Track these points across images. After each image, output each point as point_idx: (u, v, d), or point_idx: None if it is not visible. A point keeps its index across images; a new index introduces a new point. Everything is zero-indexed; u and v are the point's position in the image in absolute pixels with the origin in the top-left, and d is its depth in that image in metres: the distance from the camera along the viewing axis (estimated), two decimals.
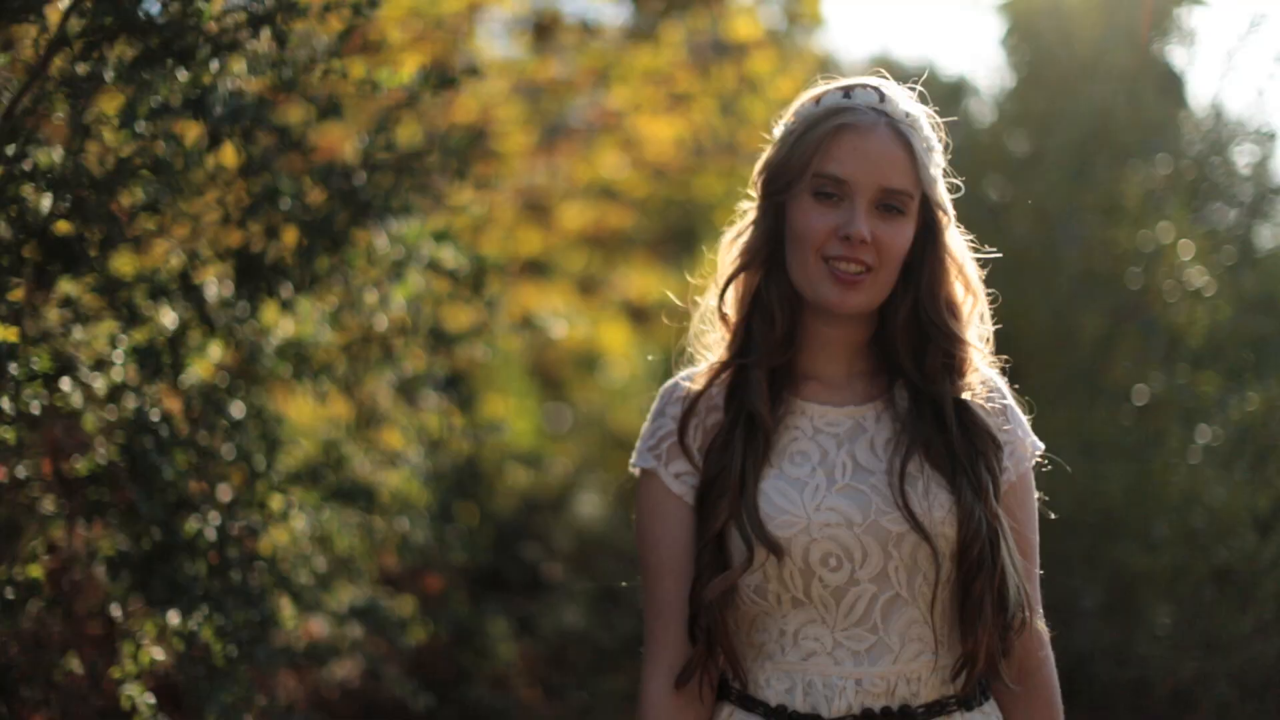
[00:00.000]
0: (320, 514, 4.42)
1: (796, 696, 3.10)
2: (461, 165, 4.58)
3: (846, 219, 3.06)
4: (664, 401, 3.25)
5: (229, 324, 4.26)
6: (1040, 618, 3.26)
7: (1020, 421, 3.26)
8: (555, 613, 7.46)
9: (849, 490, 3.09)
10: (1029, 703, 3.27)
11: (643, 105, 8.38)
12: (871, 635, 3.09)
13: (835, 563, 3.05)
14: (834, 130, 3.09)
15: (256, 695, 3.97)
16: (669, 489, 3.18)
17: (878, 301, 3.14)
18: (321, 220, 4.13)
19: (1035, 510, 3.28)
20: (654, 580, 3.19)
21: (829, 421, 3.17)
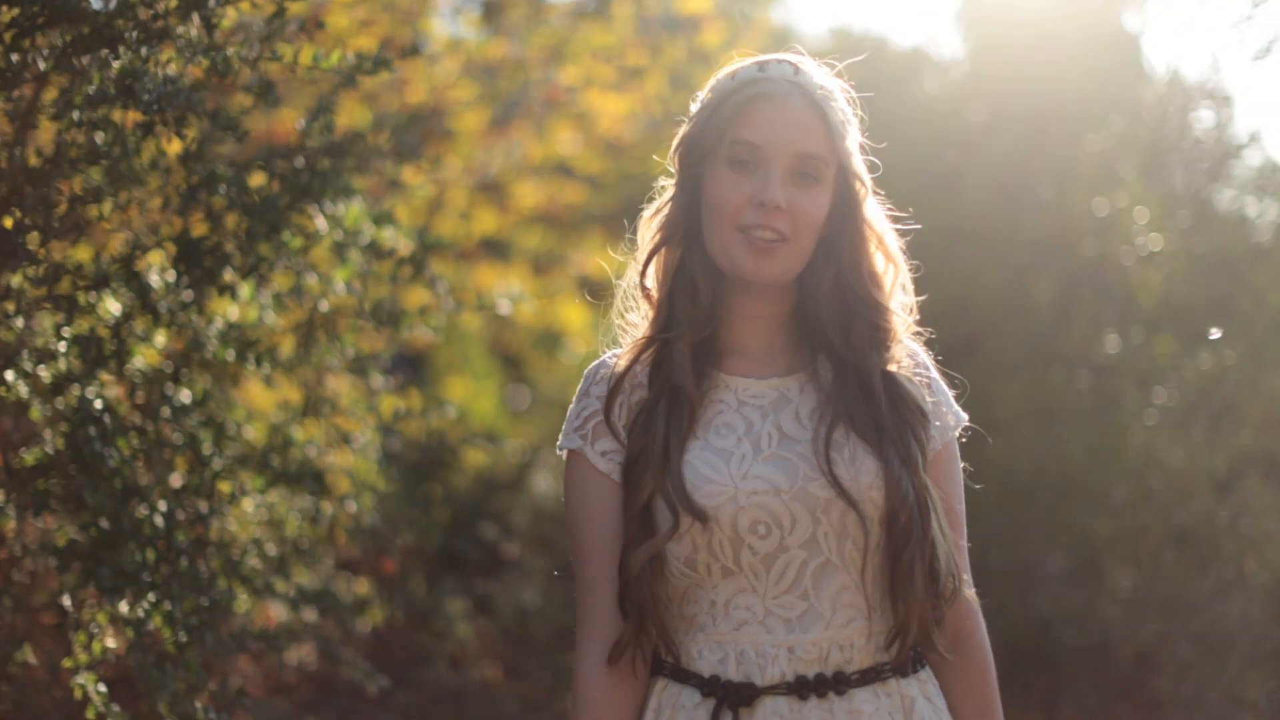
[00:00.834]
0: (268, 498, 4.42)
1: (729, 666, 3.11)
2: (403, 147, 4.58)
3: (761, 186, 3.07)
4: (588, 382, 3.25)
5: (172, 311, 4.25)
6: (970, 586, 3.27)
7: (944, 393, 3.28)
8: (513, 592, 7.47)
9: (775, 458, 3.09)
10: (963, 671, 3.28)
11: (594, 81, 8.38)
12: (802, 602, 3.09)
13: (764, 530, 3.06)
14: (749, 99, 3.10)
15: (207, 681, 3.96)
16: (596, 468, 3.18)
17: (795, 271, 3.15)
18: (261, 204, 4.13)
19: (960, 481, 3.29)
20: (584, 559, 3.20)
21: (753, 394, 3.18)
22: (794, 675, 3.09)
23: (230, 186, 4.06)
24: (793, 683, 3.09)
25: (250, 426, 4.62)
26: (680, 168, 3.20)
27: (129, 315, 4.28)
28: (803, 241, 3.12)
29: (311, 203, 4.15)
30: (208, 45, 3.81)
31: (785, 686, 3.09)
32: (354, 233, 4.29)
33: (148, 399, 4.33)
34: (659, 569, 3.09)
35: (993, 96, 10.54)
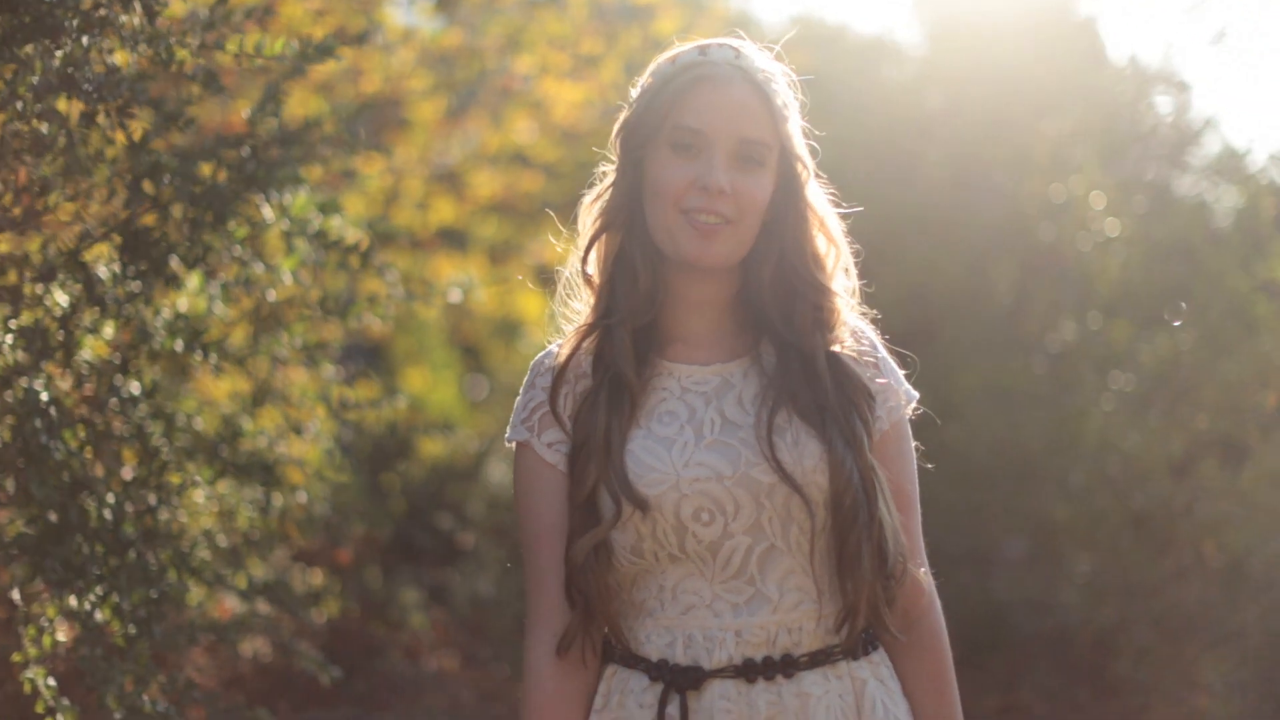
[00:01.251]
0: (217, 489, 4.40)
1: (677, 650, 3.10)
2: (352, 137, 4.56)
3: (704, 170, 3.06)
4: (534, 373, 3.25)
5: (119, 302, 4.22)
6: (923, 567, 3.26)
7: (893, 370, 3.26)
8: (469, 582, 7.46)
9: (717, 445, 3.08)
10: (917, 652, 3.27)
11: (549, 70, 8.37)
12: (749, 587, 3.08)
13: (707, 517, 3.05)
14: (691, 83, 3.08)
15: (156, 673, 3.94)
16: (543, 459, 3.17)
17: (738, 255, 3.14)
18: (207, 193, 4.10)
19: (912, 459, 3.27)
20: (532, 550, 3.20)
21: (696, 381, 3.17)
22: (741, 658, 3.09)
23: (174, 176, 4.03)
24: (740, 666, 3.09)
25: (200, 418, 4.59)
26: (622, 153, 3.19)
27: (76, 307, 4.25)
28: (746, 225, 3.11)
29: (258, 192, 4.12)
30: (150, 34, 3.78)
31: (733, 669, 3.09)
32: (300, 222, 4.27)
33: (96, 391, 4.30)
34: (606, 558, 3.09)
35: (950, 84, 10.58)
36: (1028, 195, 8.97)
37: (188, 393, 5.04)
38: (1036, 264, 8.75)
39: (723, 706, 3.09)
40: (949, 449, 8.31)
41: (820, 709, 3.12)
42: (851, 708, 3.15)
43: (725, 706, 3.09)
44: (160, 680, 4.00)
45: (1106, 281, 8.43)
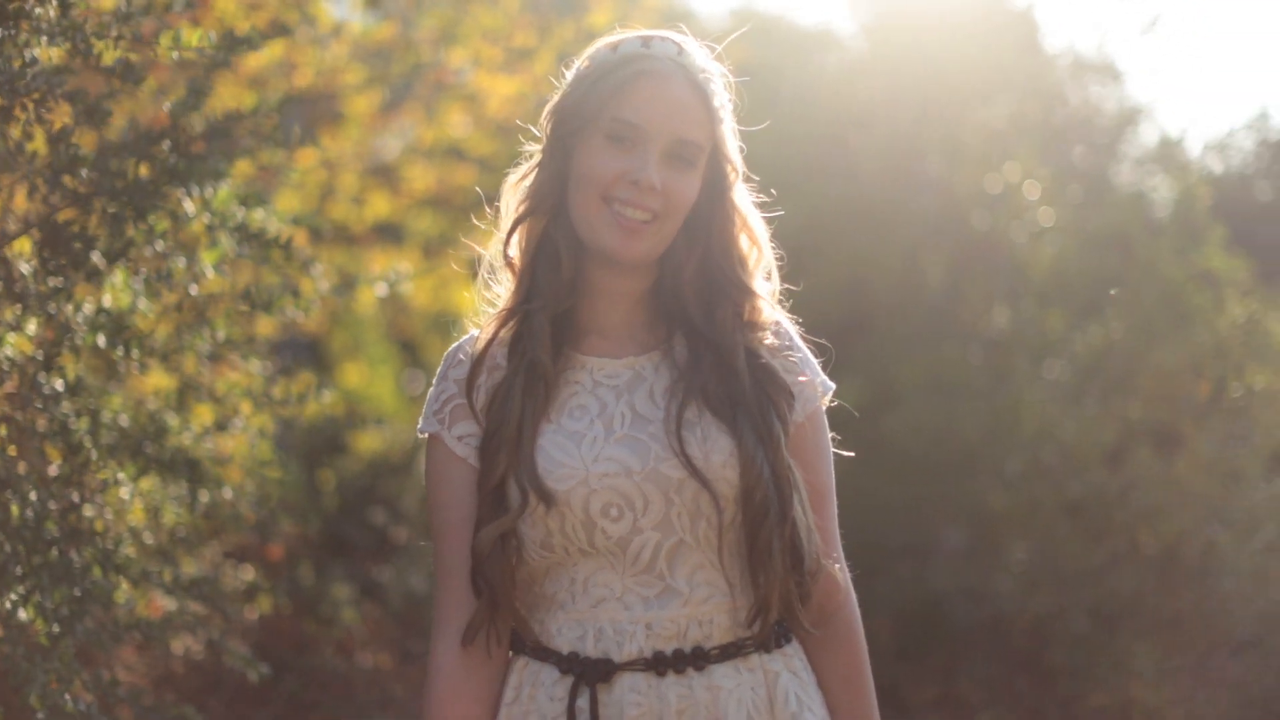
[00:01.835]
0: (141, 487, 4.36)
1: (588, 643, 3.10)
2: (278, 131, 4.52)
3: (638, 165, 3.04)
4: (447, 364, 3.23)
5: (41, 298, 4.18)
6: (839, 560, 3.26)
7: (809, 362, 3.25)
8: (402, 577, 7.43)
9: (627, 439, 3.08)
10: (832, 647, 3.27)
11: (482, 63, 8.33)
12: (659, 581, 3.08)
13: (616, 513, 3.04)
14: (633, 76, 3.07)
15: (79, 672, 3.90)
16: (452, 452, 3.16)
17: (658, 252, 3.13)
18: (128, 188, 4.06)
19: (829, 450, 3.26)
20: (441, 542, 3.19)
21: (608, 374, 3.16)
22: (652, 651, 3.08)
23: (92, 170, 3.99)
24: (650, 659, 3.08)
25: (125, 414, 4.55)
26: (551, 136, 3.16)
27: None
28: (671, 223, 3.11)
29: (179, 186, 4.08)
30: (67, 26, 3.74)
31: (643, 663, 3.08)
32: (222, 215, 4.23)
33: (18, 387, 4.25)
34: (514, 549, 3.07)
35: (887, 74, 10.61)
36: (962, 185, 8.99)
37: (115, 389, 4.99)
38: (971, 254, 8.78)
39: (633, 699, 3.08)
40: (886, 440, 8.34)
41: (731, 701, 3.12)
42: (764, 700, 3.15)
43: (635, 699, 3.08)
44: (84, 678, 3.96)
45: (1041, 271, 8.47)
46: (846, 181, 9.47)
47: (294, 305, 4.46)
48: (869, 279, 8.80)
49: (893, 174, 9.34)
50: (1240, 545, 7.80)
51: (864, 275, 8.79)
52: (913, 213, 9.05)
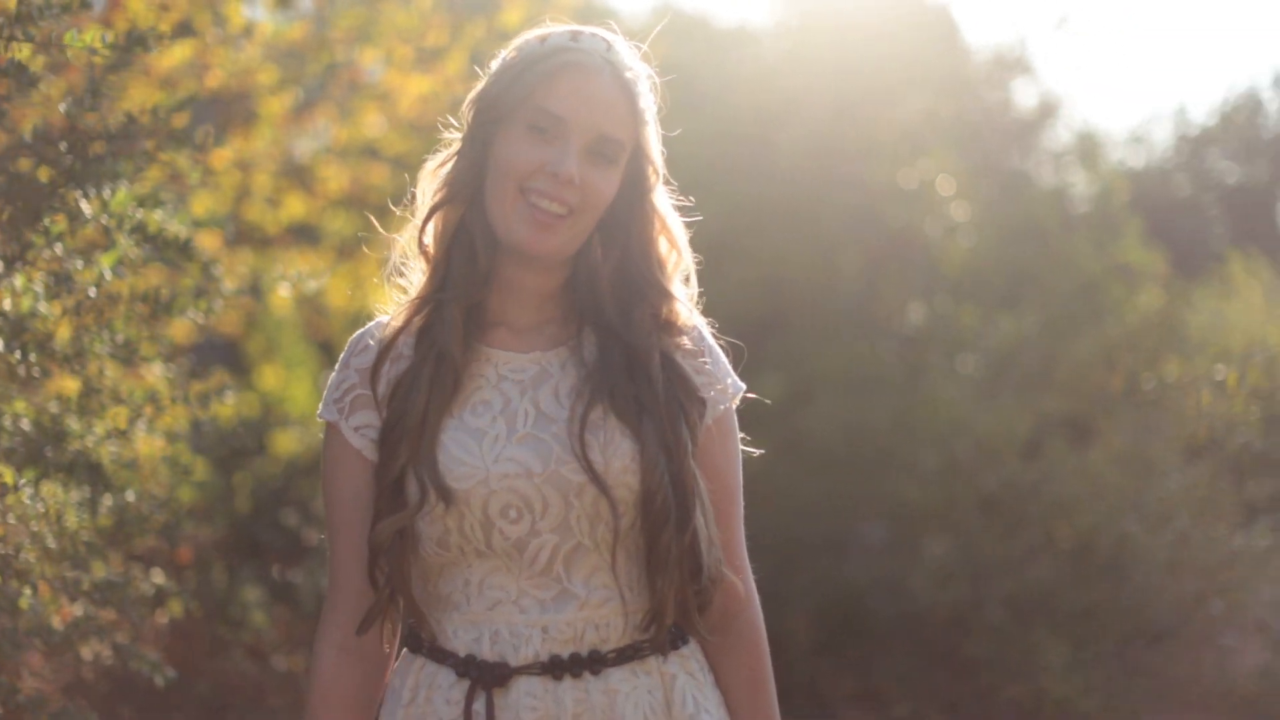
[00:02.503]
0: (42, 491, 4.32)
1: (484, 646, 3.06)
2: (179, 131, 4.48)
3: (558, 157, 2.99)
4: (350, 351, 3.16)
5: None
6: (744, 564, 3.24)
7: (720, 362, 3.20)
8: (315, 579, 7.39)
9: (529, 439, 3.03)
10: (735, 653, 3.23)
11: (394, 62, 8.30)
12: (556, 584, 3.04)
13: (515, 514, 3.00)
14: (559, 67, 3.01)
15: None
16: (349, 443, 3.10)
17: (572, 248, 3.07)
18: (25, 190, 4.02)
19: (738, 453, 3.22)
20: (333, 535, 3.15)
21: (514, 369, 3.11)
22: (548, 655, 3.05)
23: None
24: (547, 663, 3.04)
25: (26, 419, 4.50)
26: (473, 124, 3.08)
27: None
28: (587, 219, 3.05)
29: (76, 187, 4.04)
30: None
31: (539, 666, 3.04)
32: (119, 217, 4.19)
33: None
34: (411, 546, 3.04)
35: (806, 72, 10.63)
36: (877, 182, 9.02)
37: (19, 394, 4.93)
38: (887, 250, 8.81)
39: (529, 704, 3.05)
40: (803, 436, 8.36)
41: (628, 706, 3.09)
42: (661, 703, 3.12)
43: (531, 704, 3.05)
44: None
45: (955, 266, 8.52)
46: (764, 180, 9.47)
47: (195, 307, 4.42)
48: (786, 276, 8.81)
49: (809, 171, 9.35)
50: (1154, 536, 7.88)
51: (781, 273, 8.80)
52: (829, 210, 9.07)
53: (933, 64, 10.71)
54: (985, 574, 7.79)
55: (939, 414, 7.99)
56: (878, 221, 8.93)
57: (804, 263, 8.82)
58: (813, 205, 9.13)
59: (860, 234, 8.91)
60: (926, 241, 8.73)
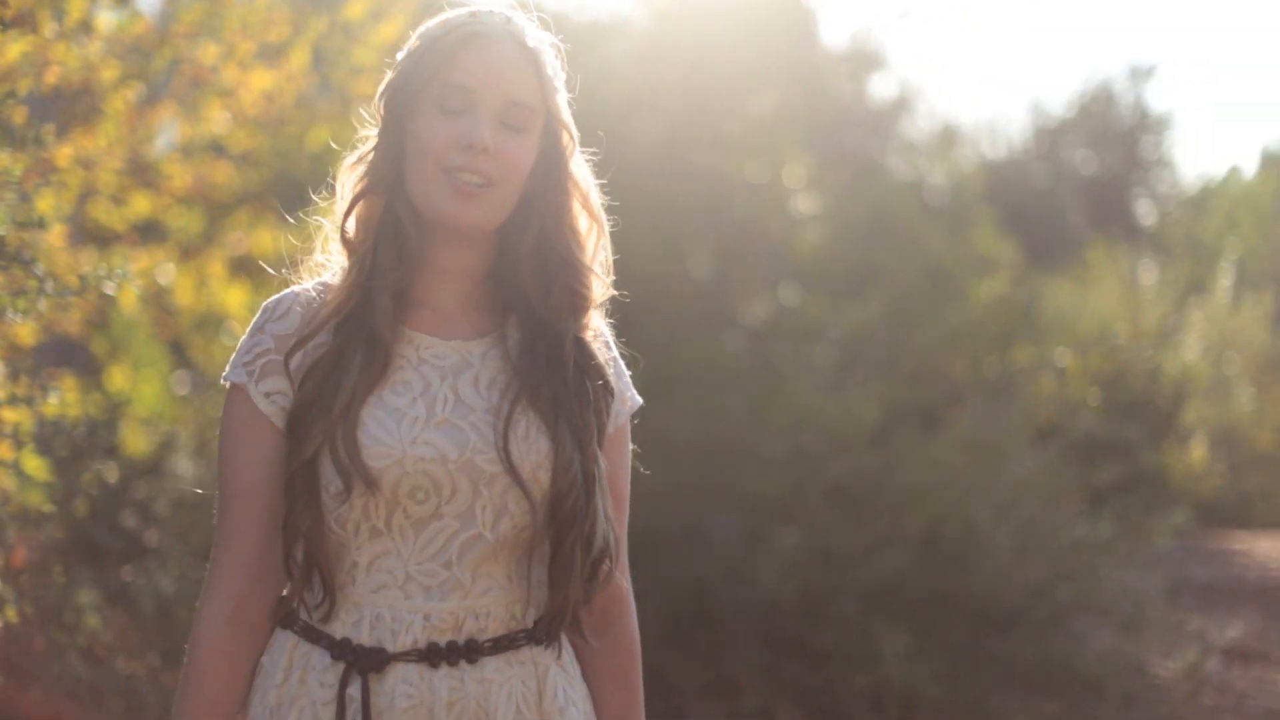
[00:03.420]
0: None
1: (363, 630, 3.03)
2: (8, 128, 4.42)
3: (469, 127, 2.96)
4: (265, 318, 3.08)
5: None
6: (626, 571, 3.25)
7: (623, 375, 3.21)
8: (153, 581, 7.29)
9: (447, 425, 3.00)
10: (613, 653, 3.25)
11: (235, 57, 8.21)
12: (445, 571, 3.02)
13: (423, 496, 2.98)
14: (460, 40, 2.99)
15: None
16: (256, 408, 3.03)
17: (497, 219, 3.04)
18: None
19: (629, 464, 3.22)
20: (228, 503, 3.08)
21: (435, 354, 3.07)
22: (426, 642, 3.03)
23: None
24: (424, 650, 3.03)
25: None
26: (385, 114, 3.06)
27: None
28: (507, 189, 3.01)
29: None
30: None
31: (416, 653, 3.02)
32: None
33: None
34: (322, 526, 3.01)
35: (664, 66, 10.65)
36: (728, 173, 9.05)
37: None
38: (736, 242, 8.84)
39: (404, 690, 3.03)
40: (653, 428, 8.36)
41: (502, 695, 3.08)
42: (533, 694, 3.12)
43: (406, 690, 3.03)
44: None
45: (804, 257, 8.56)
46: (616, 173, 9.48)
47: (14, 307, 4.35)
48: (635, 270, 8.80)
49: (661, 164, 9.36)
50: (1001, 523, 7.97)
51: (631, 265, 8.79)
52: (680, 203, 9.08)
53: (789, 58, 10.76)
54: (835, 564, 7.84)
55: (788, 404, 8.02)
56: (728, 214, 8.95)
57: (654, 255, 8.82)
58: (664, 199, 9.14)
59: (710, 226, 8.93)
60: (776, 233, 8.77)
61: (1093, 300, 16.19)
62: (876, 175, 10.34)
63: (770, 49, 10.59)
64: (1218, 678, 8.87)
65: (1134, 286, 16.59)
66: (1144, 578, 9.70)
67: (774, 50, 10.64)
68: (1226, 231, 19.19)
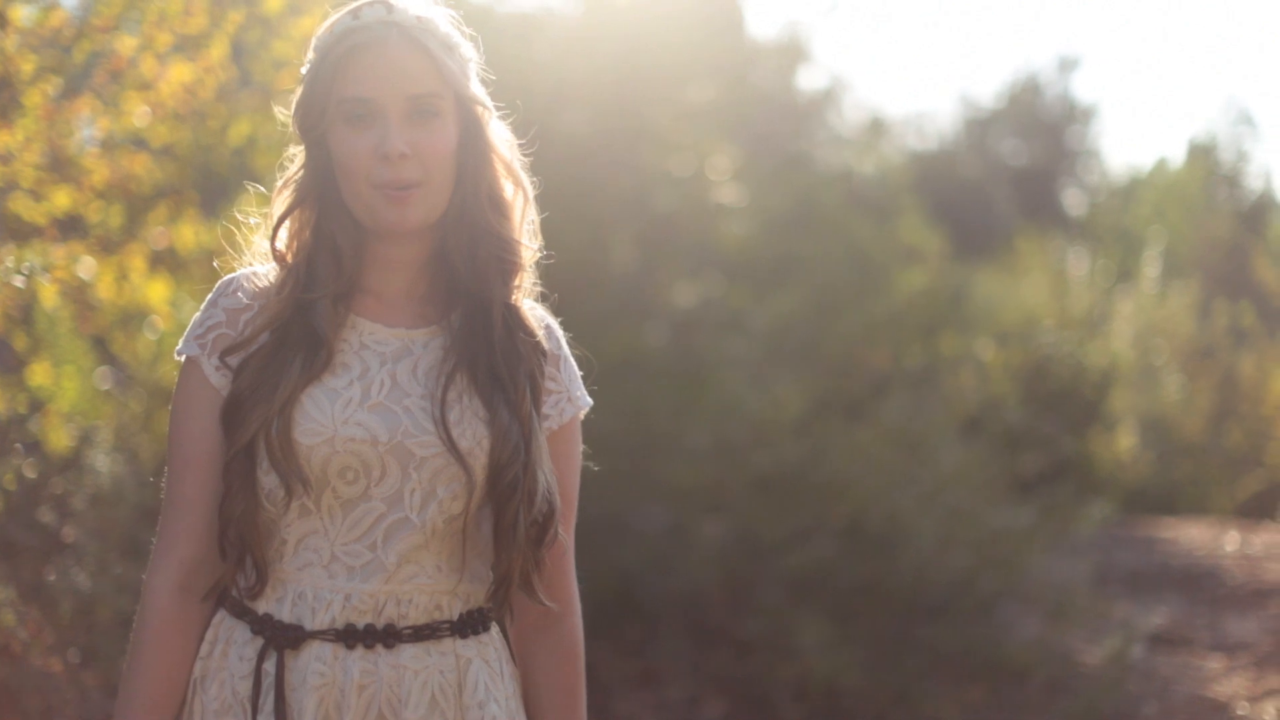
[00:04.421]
0: None
1: (285, 606, 3.07)
2: None
3: (380, 138, 2.98)
4: (219, 293, 3.13)
5: None
6: (572, 572, 3.27)
7: (572, 371, 3.24)
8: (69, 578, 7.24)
9: (380, 408, 3.03)
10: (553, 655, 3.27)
11: (153, 49, 8.15)
12: (369, 553, 3.04)
13: (352, 476, 3.01)
14: (346, 53, 3.00)
15: None
16: (207, 380, 3.08)
17: (438, 212, 3.06)
18: None
19: (579, 463, 3.26)
20: (178, 474, 3.11)
21: (377, 340, 3.10)
22: (344, 623, 3.05)
23: None
24: (341, 630, 3.05)
25: None
26: (301, 134, 3.09)
27: None
28: (437, 180, 3.03)
29: None
30: None
31: (333, 633, 3.05)
32: None
33: None
34: (256, 506, 3.03)
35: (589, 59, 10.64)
36: (651, 165, 9.05)
37: None
38: (659, 233, 8.85)
39: (316, 669, 3.05)
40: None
41: (416, 683, 3.09)
42: (452, 685, 3.12)
43: (319, 669, 3.05)
44: None
45: (728, 248, 8.57)
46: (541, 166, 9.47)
47: None
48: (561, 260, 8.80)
49: (585, 156, 9.37)
50: (925, 513, 8.00)
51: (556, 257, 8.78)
52: (603, 194, 9.08)
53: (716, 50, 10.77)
54: (760, 553, 7.85)
55: (712, 395, 8.04)
56: (652, 206, 8.96)
57: (578, 246, 8.81)
58: (589, 191, 9.14)
59: (635, 218, 8.94)
60: (700, 225, 8.78)
61: (1021, 290, 16.30)
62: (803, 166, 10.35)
63: (698, 41, 10.59)
64: (1143, 664, 8.93)
65: (1062, 276, 16.69)
66: (1070, 565, 9.77)
67: (701, 42, 10.64)
68: (1154, 221, 19.34)
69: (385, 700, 3.08)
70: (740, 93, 10.09)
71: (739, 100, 9.85)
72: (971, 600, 8.27)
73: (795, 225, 8.92)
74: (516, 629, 3.28)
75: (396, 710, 3.09)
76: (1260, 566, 11.06)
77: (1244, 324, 15.97)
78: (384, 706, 3.09)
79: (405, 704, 3.09)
